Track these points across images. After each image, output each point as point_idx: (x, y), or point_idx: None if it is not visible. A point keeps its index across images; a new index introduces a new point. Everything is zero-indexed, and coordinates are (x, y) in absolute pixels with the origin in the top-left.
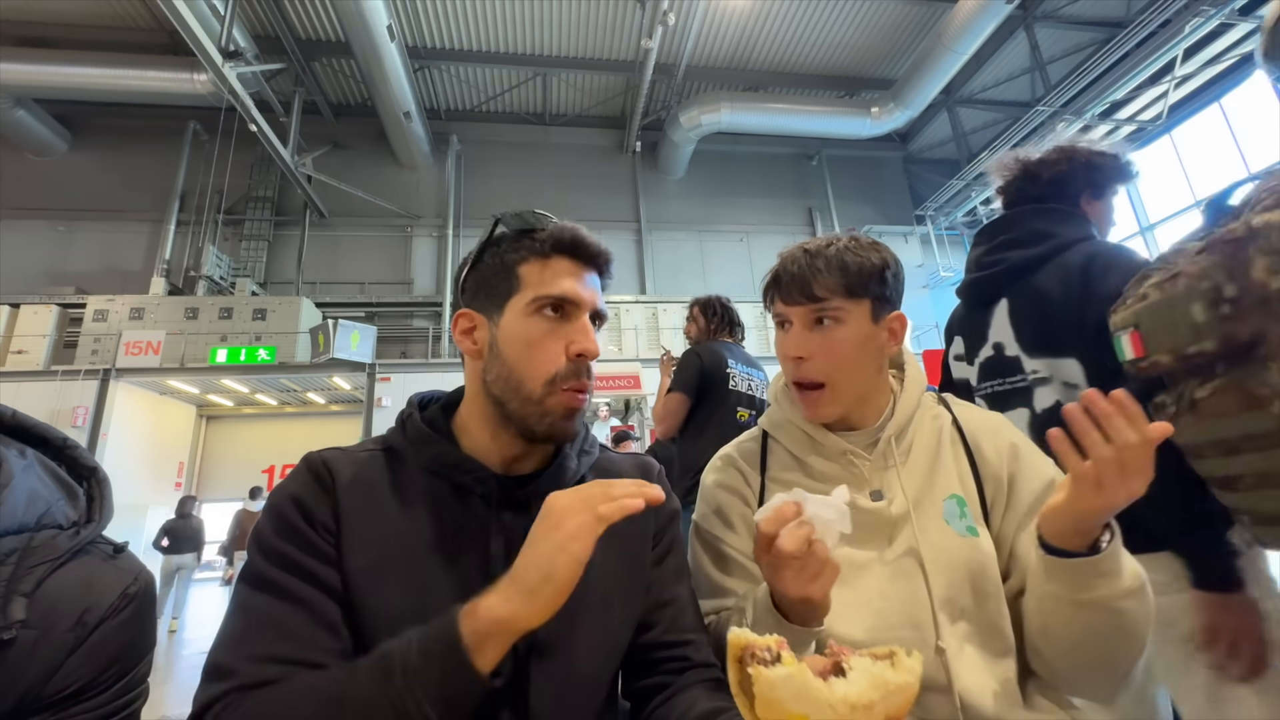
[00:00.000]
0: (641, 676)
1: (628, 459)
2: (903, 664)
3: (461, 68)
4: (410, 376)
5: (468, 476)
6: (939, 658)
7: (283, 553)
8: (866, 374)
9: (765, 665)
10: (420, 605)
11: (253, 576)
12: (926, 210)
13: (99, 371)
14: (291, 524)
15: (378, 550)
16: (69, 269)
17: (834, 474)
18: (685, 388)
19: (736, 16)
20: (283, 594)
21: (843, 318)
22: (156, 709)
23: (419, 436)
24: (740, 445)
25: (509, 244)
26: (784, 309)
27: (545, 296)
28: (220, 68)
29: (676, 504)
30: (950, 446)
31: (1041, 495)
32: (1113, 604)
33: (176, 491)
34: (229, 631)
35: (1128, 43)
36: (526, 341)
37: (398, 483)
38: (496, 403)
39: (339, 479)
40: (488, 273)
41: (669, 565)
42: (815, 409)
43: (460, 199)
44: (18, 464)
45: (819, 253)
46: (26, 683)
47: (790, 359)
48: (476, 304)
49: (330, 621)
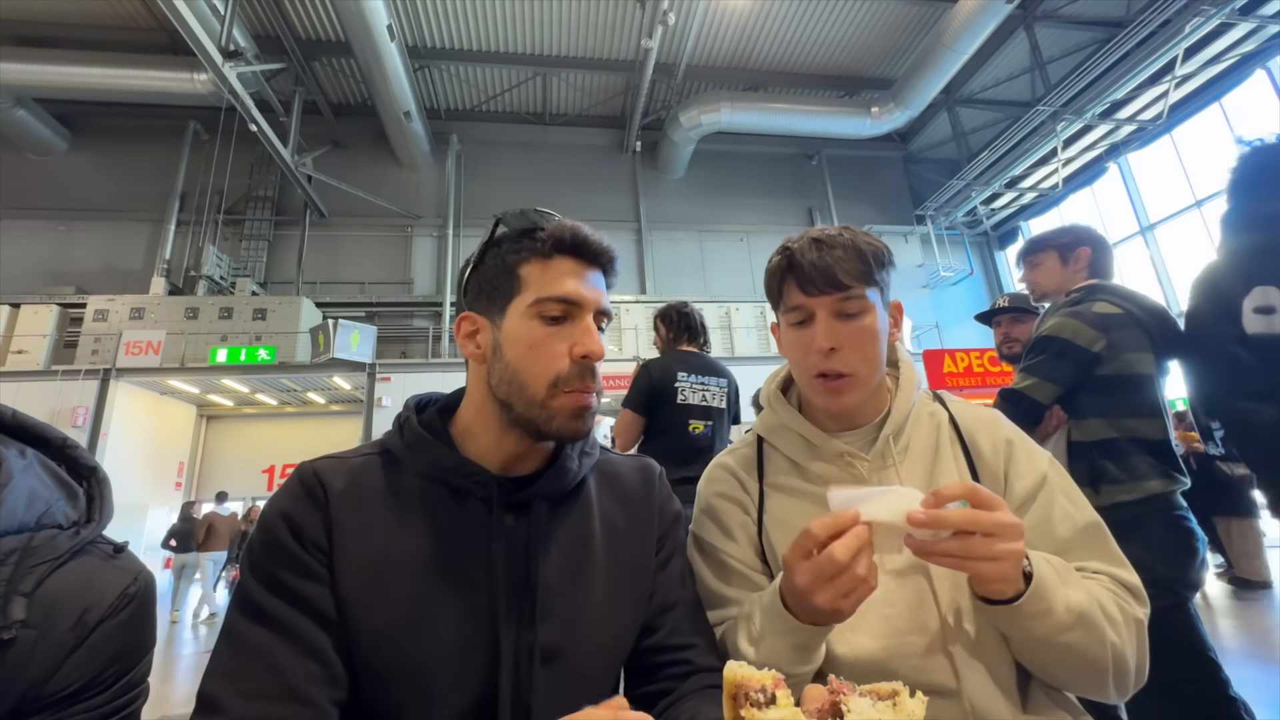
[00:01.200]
0: (644, 682)
1: (628, 461)
2: (904, 707)
3: (461, 67)
4: (410, 376)
5: (466, 480)
6: (948, 661)
7: (272, 574)
8: (883, 362)
9: (759, 708)
10: (420, 616)
11: (243, 601)
12: (926, 210)
13: (99, 371)
14: (281, 543)
15: (373, 564)
16: (69, 269)
17: (832, 476)
18: (634, 404)
19: (736, 16)
20: (271, 623)
21: (866, 305)
22: (157, 708)
23: (416, 441)
24: (736, 453)
25: (510, 244)
26: (805, 301)
27: (547, 298)
28: (220, 68)
29: (678, 506)
30: (949, 445)
31: (1034, 491)
32: (1054, 639)
33: (177, 491)
34: (220, 661)
35: (1128, 42)
36: (529, 344)
37: (394, 489)
38: (503, 406)
39: (331, 491)
40: (489, 274)
41: (672, 569)
42: (840, 397)
43: (460, 199)
44: (18, 464)
45: (834, 241)
46: (27, 682)
47: (820, 351)
48: (479, 306)
49: (317, 649)
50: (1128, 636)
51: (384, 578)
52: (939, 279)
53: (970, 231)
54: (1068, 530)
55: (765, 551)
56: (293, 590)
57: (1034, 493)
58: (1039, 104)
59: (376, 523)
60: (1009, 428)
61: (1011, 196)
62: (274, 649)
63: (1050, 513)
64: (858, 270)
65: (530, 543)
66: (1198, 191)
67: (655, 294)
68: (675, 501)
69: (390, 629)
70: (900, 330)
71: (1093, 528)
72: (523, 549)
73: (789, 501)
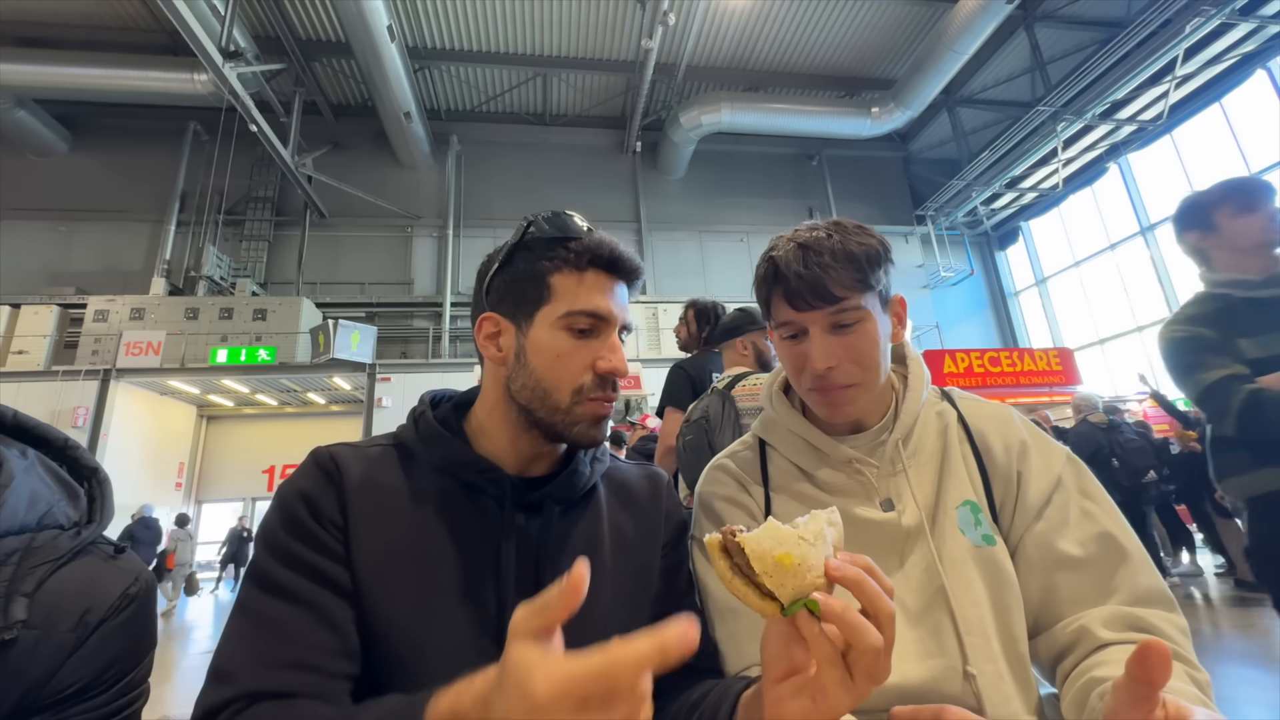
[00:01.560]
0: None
1: (636, 470)
2: (830, 515)
3: (461, 68)
4: (410, 376)
5: (480, 476)
6: (968, 684)
7: (289, 549)
8: (886, 365)
9: (744, 532)
10: (428, 606)
11: (258, 575)
12: (927, 210)
13: (99, 372)
14: (299, 520)
15: (386, 548)
16: (69, 269)
17: (841, 484)
18: (679, 403)
19: (736, 16)
20: (286, 594)
21: (862, 315)
22: (157, 709)
23: (431, 434)
24: (736, 455)
25: (541, 250)
26: (795, 316)
27: (579, 311)
28: (220, 68)
29: (684, 514)
30: (958, 446)
31: (1048, 494)
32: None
33: (177, 491)
34: (233, 633)
35: (1128, 43)
36: (556, 354)
37: (408, 480)
38: (522, 409)
39: (347, 475)
40: (518, 277)
41: (680, 576)
42: (841, 408)
43: (460, 199)
44: (19, 464)
45: (820, 247)
46: (27, 683)
47: (816, 371)
48: (503, 309)
49: (334, 621)
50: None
51: (394, 567)
52: (939, 279)
53: (970, 232)
54: (1080, 550)
55: None
56: (310, 565)
57: (1049, 495)
58: (1039, 104)
59: (389, 512)
60: (1021, 425)
61: (1012, 197)
62: (289, 620)
63: (1066, 519)
64: (850, 279)
65: (540, 543)
66: None
67: (655, 294)
68: (683, 509)
69: (398, 618)
70: (904, 328)
71: (1105, 539)
72: (533, 549)
73: (798, 508)
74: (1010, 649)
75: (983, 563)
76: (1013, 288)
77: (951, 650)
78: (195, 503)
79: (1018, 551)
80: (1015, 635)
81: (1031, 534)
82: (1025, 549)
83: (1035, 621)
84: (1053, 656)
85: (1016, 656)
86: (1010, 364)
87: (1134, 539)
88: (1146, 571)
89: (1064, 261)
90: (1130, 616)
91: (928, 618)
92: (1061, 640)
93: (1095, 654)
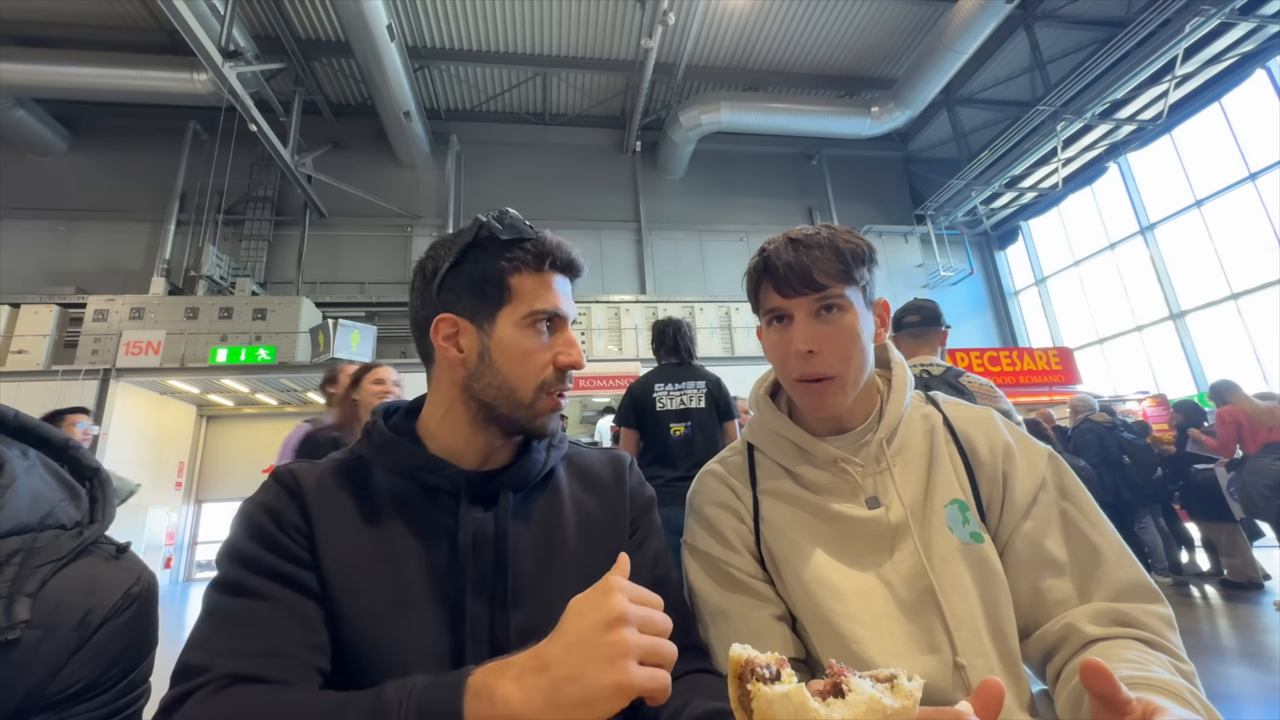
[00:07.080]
0: None
1: (597, 453)
2: (902, 689)
3: (461, 68)
4: (410, 376)
5: (435, 475)
6: (958, 674)
7: (255, 557)
8: (867, 363)
9: (765, 683)
10: (397, 602)
11: (223, 582)
12: (926, 210)
13: (99, 371)
14: (263, 529)
15: (351, 552)
16: (69, 269)
17: (825, 482)
18: (623, 421)
19: (736, 16)
20: (255, 594)
21: (845, 305)
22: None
23: (385, 441)
24: (726, 461)
25: (496, 250)
26: (782, 303)
27: (541, 311)
28: (220, 68)
29: (651, 493)
30: (945, 446)
31: (1033, 494)
32: None
33: (177, 491)
34: (198, 634)
35: (1128, 42)
36: (523, 353)
37: (367, 488)
38: (482, 405)
39: (306, 486)
40: (474, 278)
41: (646, 551)
42: (823, 400)
43: (460, 199)
44: (20, 465)
45: (810, 241)
46: (30, 682)
47: (799, 355)
48: (460, 309)
49: (304, 617)
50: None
51: (360, 568)
52: (939, 279)
53: (970, 231)
54: (1062, 552)
55: (764, 559)
56: (277, 570)
57: (1035, 494)
58: (1039, 104)
59: (351, 518)
60: (1005, 427)
61: (1011, 196)
62: (257, 615)
63: (1050, 519)
64: (835, 269)
65: (499, 531)
66: (1198, 191)
67: (655, 294)
68: (648, 488)
69: (366, 617)
70: (888, 330)
71: (1082, 539)
72: (490, 538)
73: (785, 509)
74: (1001, 644)
75: (971, 559)
76: (1012, 287)
77: (942, 645)
78: (195, 502)
79: (1007, 550)
80: (1005, 631)
81: (1020, 533)
82: (1015, 547)
83: (1025, 623)
84: (1042, 655)
85: (1007, 652)
86: (1010, 363)
87: (1111, 536)
88: (1125, 565)
89: (1063, 261)
90: (1114, 611)
91: (918, 614)
92: (1050, 639)
93: (1083, 650)
